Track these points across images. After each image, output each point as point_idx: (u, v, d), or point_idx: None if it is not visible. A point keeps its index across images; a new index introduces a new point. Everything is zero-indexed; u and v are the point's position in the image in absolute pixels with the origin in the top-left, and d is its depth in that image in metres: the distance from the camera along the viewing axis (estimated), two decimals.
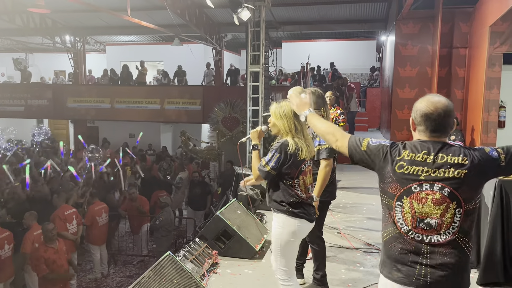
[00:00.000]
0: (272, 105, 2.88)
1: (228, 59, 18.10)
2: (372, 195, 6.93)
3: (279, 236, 2.79)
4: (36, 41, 16.81)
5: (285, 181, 2.77)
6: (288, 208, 2.75)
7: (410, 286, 1.91)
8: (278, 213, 2.80)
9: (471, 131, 7.75)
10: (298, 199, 2.77)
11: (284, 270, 2.79)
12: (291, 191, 2.77)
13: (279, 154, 2.71)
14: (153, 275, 3.05)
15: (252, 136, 2.96)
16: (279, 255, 2.80)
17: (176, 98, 14.11)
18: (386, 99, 11.14)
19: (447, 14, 8.37)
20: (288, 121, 2.76)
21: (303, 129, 2.80)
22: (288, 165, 2.72)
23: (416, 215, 1.91)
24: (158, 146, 15.97)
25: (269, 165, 2.73)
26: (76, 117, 15.72)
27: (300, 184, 2.79)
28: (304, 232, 2.87)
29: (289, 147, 2.71)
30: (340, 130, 2.23)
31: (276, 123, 2.81)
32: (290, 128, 2.75)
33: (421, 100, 2.00)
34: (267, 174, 2.75)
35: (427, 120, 1.95)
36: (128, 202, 8.79)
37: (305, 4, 12.20)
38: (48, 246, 5.92)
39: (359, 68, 18.27)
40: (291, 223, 2.75)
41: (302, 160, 2.76)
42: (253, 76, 9.15)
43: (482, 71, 7.20)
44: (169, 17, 11.28)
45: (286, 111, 2.77)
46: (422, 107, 1.96)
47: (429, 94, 2.04)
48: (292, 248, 2.85)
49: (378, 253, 4.48)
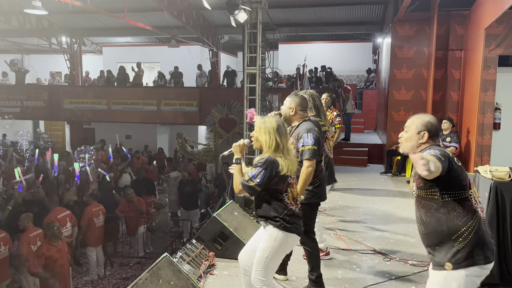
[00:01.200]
0: (257, 119, 2.90)
1: (225, 60, 18.11)
2: (368, 197, 6.96)
3: (268, 248, 2.79)
4: (32, 42, 16.77)
5: (275, 195, 2.79)
6: (282, 223, 2.78)
7: (493, 259, 2.25)
8: (270, 227, 2.81)
9: (467, 133, 7.79)
10: (289, 211, 2.81)
11: (262, 280, 2.82)
12: (282, 203, 2.80)
13: (264, 170, 2.71)
14: (150, 277, 3.05)
15: (235, 150, 2.95)
16: (261, 266, 2.81)
17: (172, 99, 14.10)
18: (382, 101, 11.18)
19: (443, 16, 8.41)
20: (270, 137, 2.78)
21: (284, 146, 2.82)
22: (275, 181, 2.74)
23: (476, 197, 2.32)
24: (155, 148, 15.96)
25: (254, 181, 2.72)
26: (72, 119, 15.66)
27: (289, 197, 2.83)
28: (292, 246, 2.93)
29: (278, 165, 2.73)
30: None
31: (259, 138, 2.83)
32: (271, 144, 2.77)
33: (429, 116, 2.47)
34: (252, 189, 2.75)
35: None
36: (124, 203, 8.76)
37: (301, 6, 12.23)
38: (51, 244, 5.97)
39: (355, 70, 18.32)
40: (283, 237, 2.79)
41: (287, 175, 2.80)
42: (250, 78, 9.17)
43: (478, 73, 7.25)
44: (166, 19, 11.29)
45: (269, 127, 2.80)
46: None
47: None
48: (278, 261, 2.89)
49: (374, 254, 4.50)
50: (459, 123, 8.38)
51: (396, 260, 4.30)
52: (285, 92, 5.30)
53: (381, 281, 3.85)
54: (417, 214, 2.43)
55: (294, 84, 13.54)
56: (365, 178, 8.63)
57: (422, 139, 2.39)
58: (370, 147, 10.89)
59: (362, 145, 11.08)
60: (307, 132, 3.35)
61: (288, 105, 3.53)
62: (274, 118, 2.87)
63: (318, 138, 3.37)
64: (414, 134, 2.42)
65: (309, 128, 3.40)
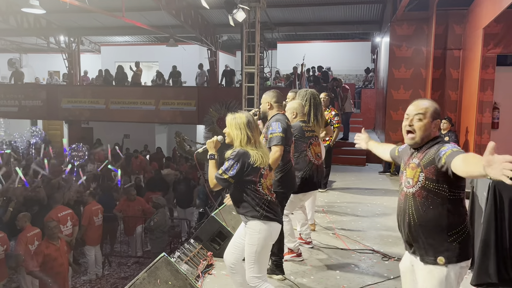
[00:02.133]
0: (228, 115, 3.02)
1: (223, 60, 18.10)
2: (366, 196, 6.96)
3: (255, 242, 2.85)
4: (30, 42, 16.73)
5: (249, 186, 2.86)
6: (262, 212, 2.85)
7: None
8: (252, 220, 2.87)
9: (465, 132, 7.79)
10: (266, 201, 2.88)
11: (257, 277, 2.87)
12: (257, 194, 2.87)
13: (236, 162, 2.81)
14: (147, 277, 3.04)
15: (209, 146, 3.08)
16: (253, 262, 2.86)
17: (171, 99, 14.08)
18: (381, 100, 11.18)
19: (441, 16, 8.41)
20: (241, 132, 2.89)
21: (256, 139, 2.92)
22: (247, 172, 2.82)
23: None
24: (153, 147, 15.93)
25: (227, 173, 2.81)
26: (70, 118, 15.64)
27: (263, 187, 2.90)
28: (277, 234, 2.97)
29: (249, 156, 2.82)
30: None
31: (230, 133, 2.94)
32: (242, 138, 2.88)
33: (435, 103, 2.37)
34: (225, 181, 2.84)
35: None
36: (123, 202, 8.75)
37: (300, 6, 12.21)
38: (50, 242, 5.98)
39: (353, 69, 18.32)
40: (266, 227, 2.86)
41: (259, 166, 2.87)
42: (248, 77, 9.16)
43: (476, 72, 7.25)
44: (164, 18, 11.28)
45: (240, 123, 2.91)
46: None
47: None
48: (267, 253, 2.96)
49: (372, 253, 4.50)
50: (457, 123, 8.38)
51: (394, 260, 4.30)
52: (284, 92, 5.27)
53: (379, 281, 3.84)
54: (407, 205, 2.32)
55: (292, 83, 13.53)
56: (364, 178, 8.63)
57: (435, 128, 2.29)
58: None
59: None
60: (276, 121, 3.58)
61: (265, 101, 3.78)
62: (244, 114, 2.98)
63: (286, 128, 3.56)
64: (429, 122, 2.28)
65: (278, 118, 3.63)
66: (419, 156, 2.29)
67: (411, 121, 2.32)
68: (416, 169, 2.28)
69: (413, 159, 2.33)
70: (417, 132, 2.30)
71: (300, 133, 4.07)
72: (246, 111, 3.12)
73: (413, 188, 2.29)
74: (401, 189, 2.41)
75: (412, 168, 2.31)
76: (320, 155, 4.25)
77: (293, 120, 4.12)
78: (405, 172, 2.39)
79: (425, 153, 2.27)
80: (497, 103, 7.65)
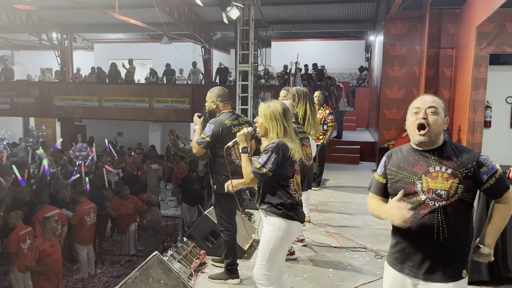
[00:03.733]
0: (260, 105, 2.82)
1: (218, 57, 18.04)
2: (360, 194, 6.97)
3: (272, 239, 2.72)
4: (22, 38, 16.55)
5: (281, 182, 2.73)
6: (284, 211, 2.71)
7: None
8: (273, 216, 2.74)
9: (458, 131, 7.83)
10: (293, 200, 2.75)
11: (267, 274, 2.73)
12: (286, 192, 2.73)
13: (276, 155, 2.65)
14: (140, 276, 3.02)
15: (240, 139, 2.87)
16: (266, 259, 2.72)
17: (164, 96, 14.03)
18: (375, 98, 11.20)
19: (434, 15, 8.43)
20: (277, 122, 2.71)
21: (292, 130, 2.78)
22: (284, 166, 2.69)
23: None
24: (147, 145, 15.87)
25: (266, 167, 2.66)
26: (63, 116, 15.53)
27: (294, 183, 2.77)
28: (296, 234, 2.86)
29: (289, 149, 2.68)
30: None
31: (265, 124, 2.75)
32: (279, 130, 2.70)
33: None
34: (264, 176, 2.68)
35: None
36: (116, 200, 8.71)
37: (294, 4, 12.20)
38: (45, 238, 5.99)
39: (348, 67, 18.35)
40: (286, 226, 2.72)
41: (295, 160, 2.75)
42: (242, 75, 9.13)
43: (469, 71, 7.28)
44: (158, 15, 11.20)
45: (275, 112, 2.72)
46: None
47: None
48: (282, 252, 2.79)
49: (366, 252, 4.51)
50: (450, 121, 8.42)
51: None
52: (278, 90, 5.31)
53: (372, 279, 3.85)
54: (435, 220, 1.99)
55: (286, 82, 13.52)
56: (357, 176, 8.64)
57: (446, 125, 2.08)
58: (362, 144, 10.92)
59: (354, 142, 11.10)
60: (210, 123, 3.56)
61: (209, 100, 3.70)
62: (279, 102, 2.80)
63: (218, 132, 3.48)
64: (442, 118, 2.05)
65: (215, 120, 3.58)
66: (448, 164, 2.01)
67: (425, 114, 2.03)
68: (453, 180, 1.97)
69: (437, 166, 2.02)
70: (432, 127, 2.01)
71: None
72: (279, 101, 2.93)
73: (447, 201, 1.98)
74: (417, 202, 2.03)
75: (444, 178, 1.98)
76: (310, 156, 4.24)
77: None
78: (420, 183, 2.02)
79: (454, 160, 2.01)
80: (490, 102, 7.70)
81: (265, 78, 14.40)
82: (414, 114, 2.06)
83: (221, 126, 3.52)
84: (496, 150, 7.60)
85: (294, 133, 2.80)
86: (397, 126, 8.81)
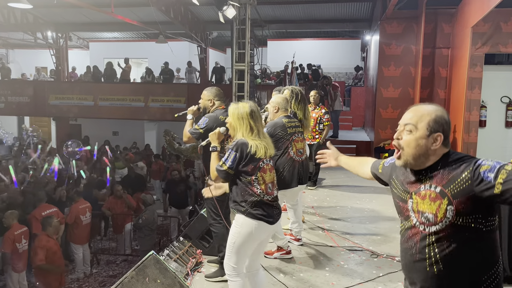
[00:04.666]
0: (231, 105, 2.92)
1: (214, 57, 18.02)
2: (356, 194, 6.99)
3: (235, 235, 2.82)
4: (17, 37, 16.45)
5: (243, 179, 2.79)
6: (246, 209, 2.78)
7: None
8: (237, 213, 2.84)
9: (453, 131, 7.87)
10: (258, 197, 2.79)
11: (233, 267, 2.83)
12: (249, 189, 2.79)
13: (235, 152, 2.74)
14: (136, 275, 3.02)
15: (211, 138, 3.01)
16: (230, 252, 2.83)
17: (160, 95, 14.00)
18: (370, 98, 11.24)
19: (430, 14, 8.47)
20: (244, 122, 2.81)
21: (259, 130, 2.85)
22: (244, 163, 2.76)
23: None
24: (142, 144, 15.83)
25: (226, 164, 2.75)
26: (58, 115, 15.46)
27: (259, 181, 2.81)
28: (262, 234, 2.87)
29: (247, 146, 2.76)
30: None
31: (233, 124, 2.86)
32: (245, 129, 2.81)
33: (442, 110, 1.73)
34: (225, 173, 2.78)
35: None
36: (112, 200, 8.67)
37: (290, 3, 12.22)
38: (49, 237, 6.08)
39: (343, 67, 18.38)
40: (248, 224, 2.78)
41: (259, 158, 2.80)
42: (238, 74, 9.13)
43: (464, 71, 7.32)
44: (154, 14, 11.17)
45: (242, 112, 2.82)
46: (447, 117, 1.73)
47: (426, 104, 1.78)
48: (246, 248, 2.86)
49: (362, 251, 4.52)
50: None
51: (383, 257, 4.33)
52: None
53: (368, 278, 3.86)
54: (425, 248, 1.67)
55: (282, 81, 13.53)
56: (353, 175, 8.52)
57: (435, 144, 1.67)
58: (358, 144, 10.95)
59: (350, 142, 11.13)
60: (205, 116, 3.71)
61: (206, 98, 3.85)
62: (248, 103, 2.89)
63: (211, 126, 3.53)
64: (422, 137, 1.68)
65: (210, 115, 3.73)
66: (438, 181, 1.65)
67: (399, 134, 1.74)
68: (440, 201, 1.62)
69: (427, 184, 1.69)
70: (404, 150, 1.71)
71: (282, 131, 3.99)
72: (251, 101, 3.03)
73: (436, 226, 1.64)
74: (408, 225, 1.75)
75: (431, 198, 1.65)
76: (302, 151, 4.22)
77: (275, 115, 4.06)
78: (411, 202, 1.74)
79: (446, 175, 1.64)
80: (485, 102, 7.74)
81: (262, 77, 14.40)
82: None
83: (215, 121, 3.64)
84: (491, 149, 7.65)
85: (263, 132, 2.89)
86: (393, 126, 8.82)
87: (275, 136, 3.88)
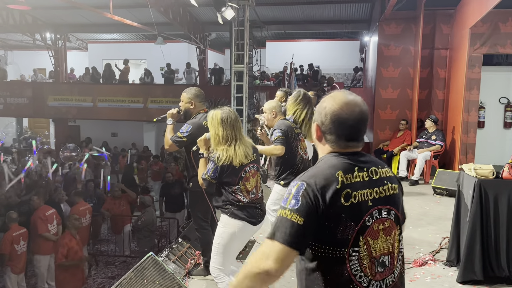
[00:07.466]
0: (209, 113, 2.95)
1: (212, 58, 18.02)
2: None
3: (220, 235, 2.88)
4: (15, 38, 16.45)
5: (227, 187, 2.85)
6: (230, 209, 2.84)
7: None
8: (222, 214, 2.90)
9: (452, 131, 7.87)
10: (241, 202, 2.85)
11: (219, 268, 2.88)
12: (234, 196, 2.85)
13: (216, 164, 2.79)
14: (134, 276, 3.01)
15: (199, 144, 3.03)
16: (216, 253, 2.88)
17: (159, 97, 14.00)
18: (369, 99, 11.23)
19: (428, 15, 8.47)
20: (215, 130, 2.81)
21: (236, 136, 2.82)
22: (226, 174, 2.80)
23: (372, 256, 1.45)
24: (141, 145, 15.82)
25: (208, 174, 2.82)
26: (57, 116, 15.44)
27: (241, 190, 2.85)
28: (246, 234, 2.94)
29: (220, 160, 2.78)
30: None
31: (210, 132, 2.90)
32: (215, 137, 2.82)
33: (332, 99, 1.52)
34: (208, 182, 2.87)
35: (342, 125, 1.49)
36: (110, 201, 8.66)
37: (289, 4, 12.22)
38: (71, 235, 6.30)
39: (342, 68, 18.38)
40: (232, 224, 2.84)
41: (241, 167, 2.81)
42: (237, 76, 9.13)
43: (463, 72, 7.33)
44: (152, 15, 11.17)
45: (213, 121, 2.82)
46: (336, 109, 1.49)
47: (340, 91, 1.58)
48: (231, 248, 2.91)
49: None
50: (444, 121, 8.47)
51: None
52: (273, 90, 5.33)
53: None
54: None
55: (281, 82, 13.53)
56: None
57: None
58: None
59: None
60: (188, 124, 3.58)
61: (186, 100, 3.69)
62: (221, 110, 2.88)
63: (195, 134, 3.41)
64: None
65: (193, 121, 3.59)
66: None
67: None
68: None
69: None
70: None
71: (292, 131, 3.96)
72: (228, 107, 3.02)
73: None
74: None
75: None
76: (306, 150, 4.24)
77: (274, 120, 4.01)
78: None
79: None
80: (483, 103, 7.75)
81: (261, 78, 14.40)
82: None
83: (199, 128, 3.53)
84: (490, 150, 7.66)
85: (240, 140, 2.84)
86: (392, 127, 8.84)
87: (289, 137, 3.82)
